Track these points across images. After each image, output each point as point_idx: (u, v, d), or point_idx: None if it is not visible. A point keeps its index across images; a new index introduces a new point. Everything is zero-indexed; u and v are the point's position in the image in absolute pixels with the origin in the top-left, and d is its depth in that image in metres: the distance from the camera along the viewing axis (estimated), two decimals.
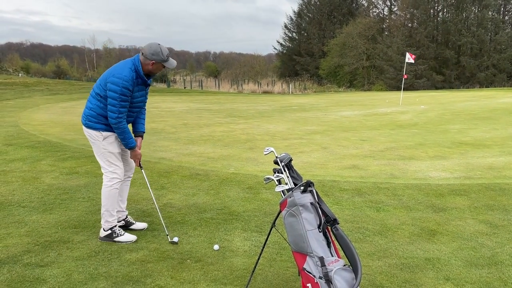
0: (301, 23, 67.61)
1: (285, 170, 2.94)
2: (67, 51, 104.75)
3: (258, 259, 3.10)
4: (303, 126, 12.84)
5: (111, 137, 3.77)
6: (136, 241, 3.83)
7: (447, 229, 4.21)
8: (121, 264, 3.37)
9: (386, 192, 5.45)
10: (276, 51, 71.50)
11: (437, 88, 47.01)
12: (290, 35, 68.81)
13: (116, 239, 3.79)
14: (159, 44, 3.64)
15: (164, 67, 3.72)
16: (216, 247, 3.69)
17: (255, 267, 3.09)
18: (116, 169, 3.82)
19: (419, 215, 4.60)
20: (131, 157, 3.96)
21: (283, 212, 2.71)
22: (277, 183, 2.89)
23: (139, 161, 4.00)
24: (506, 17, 55.22)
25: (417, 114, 16.71)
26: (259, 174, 6.31)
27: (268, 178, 2.90)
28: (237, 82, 57.73)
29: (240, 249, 3.70)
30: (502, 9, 54.76)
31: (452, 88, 46.98)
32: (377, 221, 4.41)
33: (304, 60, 62.19)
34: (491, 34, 51.56)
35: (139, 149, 3.94)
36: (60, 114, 15.23)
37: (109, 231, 3.81)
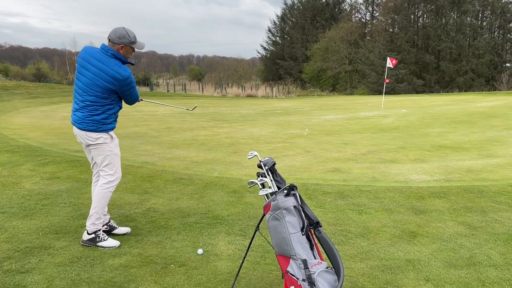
0: (284, 27, 68.10)
1: (268, 174, 2.97)
2: (48, 54, 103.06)
3: (242, 262, 3.11)
4: (286, 129, 12.92)
5: (116, 139, 3.87)
6: (119, 246, 3.79)
7: (427, 231, 4.29)
8: (103, 269, 3.34)
9: (368, 195, 5.53)
10: (259, 55, 71.95)
11: (417, 92, 47.89)
12: (274, 39, 69.29)
13: (99, 243, 3.75)
14: (124, 28, 3.64)
15: (133, 50, 3.72)
16: (200, 251, 3.69)
17: (239, 270, 3.10)
18: (116, 172, 3.83)
19: (400, 217, 4.68)
20: None
21: (267, 216, 2.73)
22: (260, 186, 2.92)
23: None
24: (484, 23, 56.67)
25: (399, 117, 16.98)
26: (243, 178, 6.33)
27: (252, 182, 2.93)
28: (221, 86, 57.65)
29: (224, 253, 3.71)
30: (480, 15, 56.21)
31: (432, 92, 47.91)
32: (359, 224, 4.48)
33: (287, 64, 62.58)
34: (469, 39, 52.85)
35: None
36: (40, 118, 14.97)
37: (93, 235, 3.76)
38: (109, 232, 4.04)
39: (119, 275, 3.25)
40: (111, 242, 3.80)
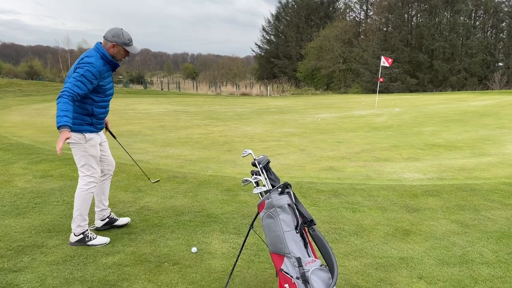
0: (279, 26, 68.14)
1: (263, 172, 2.97)
2: (40, 52, 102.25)
3: (236, 261, 3.11)
4: (281, 128, 12.93)
5: (93, 140, 3.71)
6: (112, 245, 3.78)
7: (420, 229, 4.32)
8: (97, 268, 3.33)
9: (362, 193, 5.55)
10: (254, 54, 71.96)
11: (411, 91, 48.12)
12: (268, 37, 69.32)
13: (89, 242, 3.74)
14: (121, 29, 3.62)
15: (126, 52, 3.64)
16: (194, 249, 3.69)
17: (233, 269, 3.10)
18: (94, 173, 3.75)
19: (393, 216, 4.71)
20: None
21: (261, 214, 2.73)
22: (255, 185, 2.92)
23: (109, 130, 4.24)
24: (477, 23, 57.09)
25: (392, 116, 17.06)
26: (237, 176, 6.33)
27: (246, 180, 2.92)
28: (215, 84, 57.60)
29: (218, 251, 3.70)
30: (473, 14, 56.62)
31: (426, 91, 48.17)
32: (353, 222, 4.49)
33: (282, 63, 62.64)
34: (462, 38, 53.22)
35: (108, 126, 4.14)
36: (33, 116, 14.86)
37: (81, 236, 3.74)
38: (111, 224, 4.11)
39: (112, 273, 3.24)
40: (101, 240, 3.80)
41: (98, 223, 4.11)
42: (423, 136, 11.23)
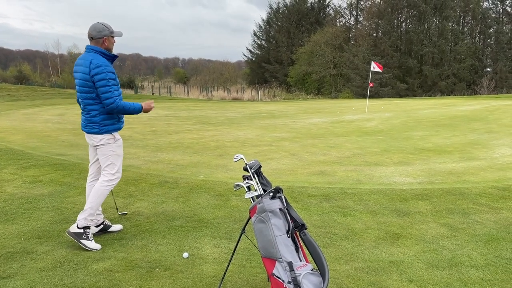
0: (270, 31, 68.42)
1: (254, 177, 2.98)
2: (30, 56, 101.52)
3: (228, 266, 3.11)
4: (272, 133, 12.96)
5: (120, 140, 3.96)
6: (103, 250, 3.75)
7: (410, 232, 4.36)
8: (87, 274, 3.30)
9: (353, 198, 5.59)
10: (245, 58, 72.06)
11: (401, 96, 48.59)
12: (259, 42, 69.54)
13: (83, 241, 3.74)
14: (98, 22, 3.76)
15: (114, 40, 3.83)
16: (185, 255, 3.68)
17: (224, 274, 3.10)
18: (117, 172, 3.93)
19: (384, 219, 4.74)
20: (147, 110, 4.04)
21: (253, 218, 2.74)
22: (246, 189, 2.93)
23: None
24: (465, 28, 57.94)
25: (382, 121, 17.19)
26: (229, 181, 6.33)
27: (238, 185, 2.93)
28: (207, 89, 57.57)
29: (210, 256, 3.70)
30: (461, 20, 57.45)
31: (415, 96, 48.67)
32: (344, 226, 4.52)
33: (273, 68, 62.85)
34: (451, 44, 53.95)
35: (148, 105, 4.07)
36: (22, 121, 14.71)
37: (81, 230, 3.76)
38: (104, 230, 4.13)
39: (103, 279, 3.22)
40: (94, 244, 3.79)
41: (93, 229, 4.08)
42: (413, 140, 11.34)
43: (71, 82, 64.54)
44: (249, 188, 2.94)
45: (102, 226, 4.12)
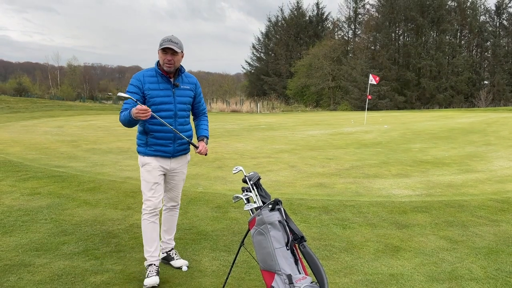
0: (268, 44, 68.91)
1: (253, 189, 2.98)
2: (29, 68, 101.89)
3: (227, 278, 3.10)
4: (271, 145, 12.97)
5: (149, 165, 3.45)
6: (101, 263, 3.73)
7: (410, 245, 4.34)
8: (85, 287, 3.28)
9: (352, 210, 5.58)
10: (244, 71, 72.43)
11: (399, 109, 48.80)
12: (258, 55, 69.98)
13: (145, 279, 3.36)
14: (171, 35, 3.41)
15: (164, 54, 3.34)
16: (184, 267, 3.66)
17: (223, 286, 3.08)
18: (146, 200, 3.50)
19: (383, 232, 4.73)
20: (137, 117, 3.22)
21: (252, 231, 2.74)
22: (245, 201, 2.93)
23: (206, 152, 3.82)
24: (463, 42, 58.46)
25: (381, 133, 17.23)
26: (227, 193, 6.31)
27: (237, 197, 2.93)
28: (206, 101, 57.71)
29: (209, 269, 3.68)
30: (459, 34, 57.99)
31: (413, 109, 48.89)
32: (343, 238, 4.50)
33: (271, 80, 63.17)
34: (448, 57, 54.40)
35: (203, 148, 3.75)
36: (21, 133, 14.72)
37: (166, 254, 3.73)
38: (167, 260, 3.77)
39: None
40: (150, 280, 3.32)
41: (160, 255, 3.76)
42: (411, 152, 11.36)
43: (70, 94, 64.81)
44: (248, 200, 2.94)
45: (165, 254, 3.79)
